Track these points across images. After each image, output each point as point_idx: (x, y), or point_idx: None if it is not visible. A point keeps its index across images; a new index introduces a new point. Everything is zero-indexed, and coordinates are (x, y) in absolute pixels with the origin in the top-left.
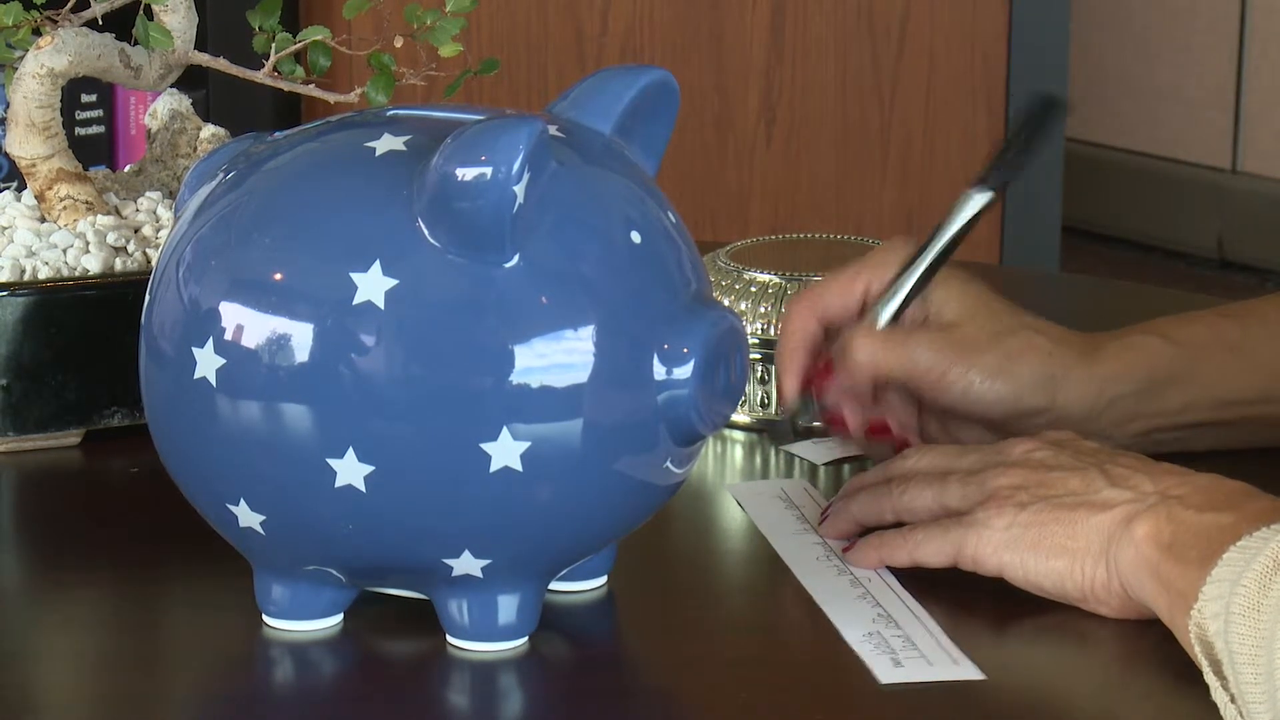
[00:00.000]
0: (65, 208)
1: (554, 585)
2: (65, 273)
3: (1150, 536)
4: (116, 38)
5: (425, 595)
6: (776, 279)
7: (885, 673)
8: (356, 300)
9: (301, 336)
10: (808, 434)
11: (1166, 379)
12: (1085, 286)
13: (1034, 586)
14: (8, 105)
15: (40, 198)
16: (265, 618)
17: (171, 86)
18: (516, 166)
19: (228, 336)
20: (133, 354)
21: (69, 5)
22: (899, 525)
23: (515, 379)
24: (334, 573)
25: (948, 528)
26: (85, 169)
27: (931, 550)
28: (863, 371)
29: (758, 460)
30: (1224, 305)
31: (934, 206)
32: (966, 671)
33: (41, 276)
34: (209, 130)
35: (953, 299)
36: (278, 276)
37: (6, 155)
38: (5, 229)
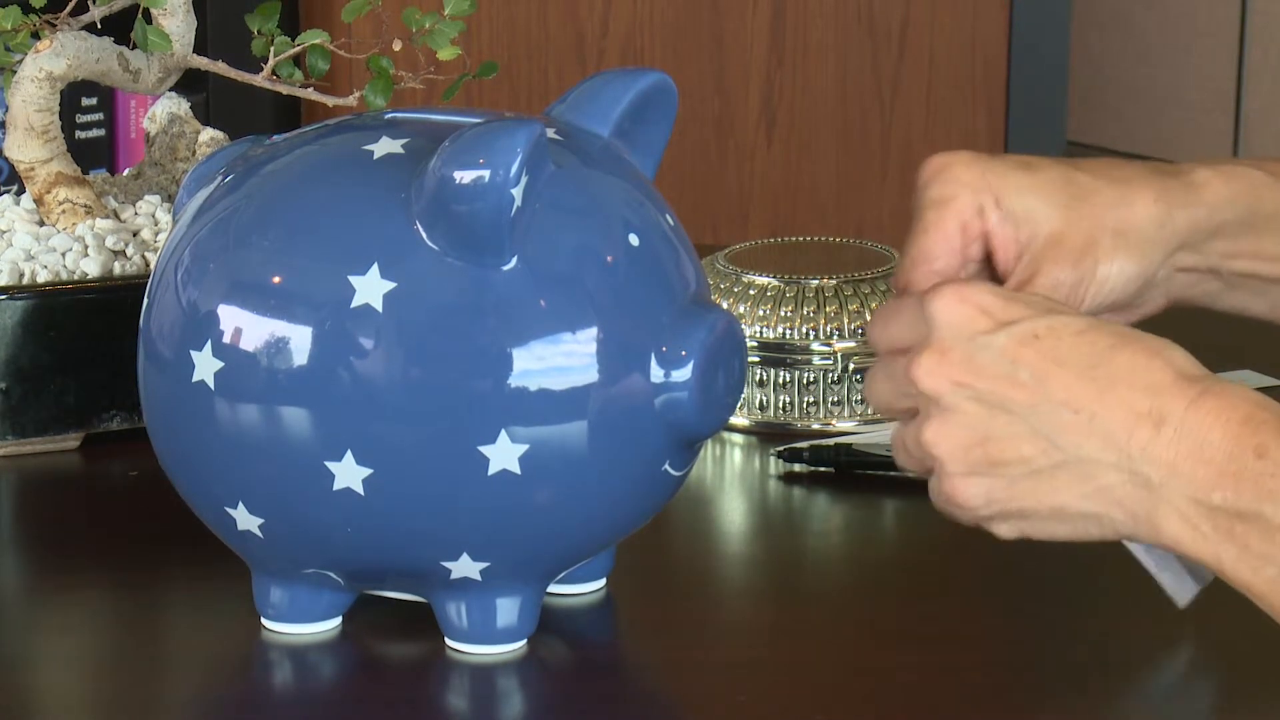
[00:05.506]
0: (64, 211)
1: (553, 588)
2: (64, 276)
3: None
4: (115, 41)
5: (424, 598)
6: (775, 282)
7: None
8: (355, 303)
9: (300, 339)
10: None
11: (1273, 212)
12: None
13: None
14: (6, 109)
15: (39, 201)
16: (264, 621)
17: (171, 90)
18: (514, 169)
19: (226, 340)
20: (131, 357)
21: (68, 9)
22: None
23: (513, 382)
24: (333, 575)
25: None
26: (86, 172)
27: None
28: None
29: (756, 463)
30: None
31: None
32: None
33: (40, 280)
34: (207, 134)
35: (1033, 208)
36: (276, 280)
37: (5, 159)
38: (4, 232)
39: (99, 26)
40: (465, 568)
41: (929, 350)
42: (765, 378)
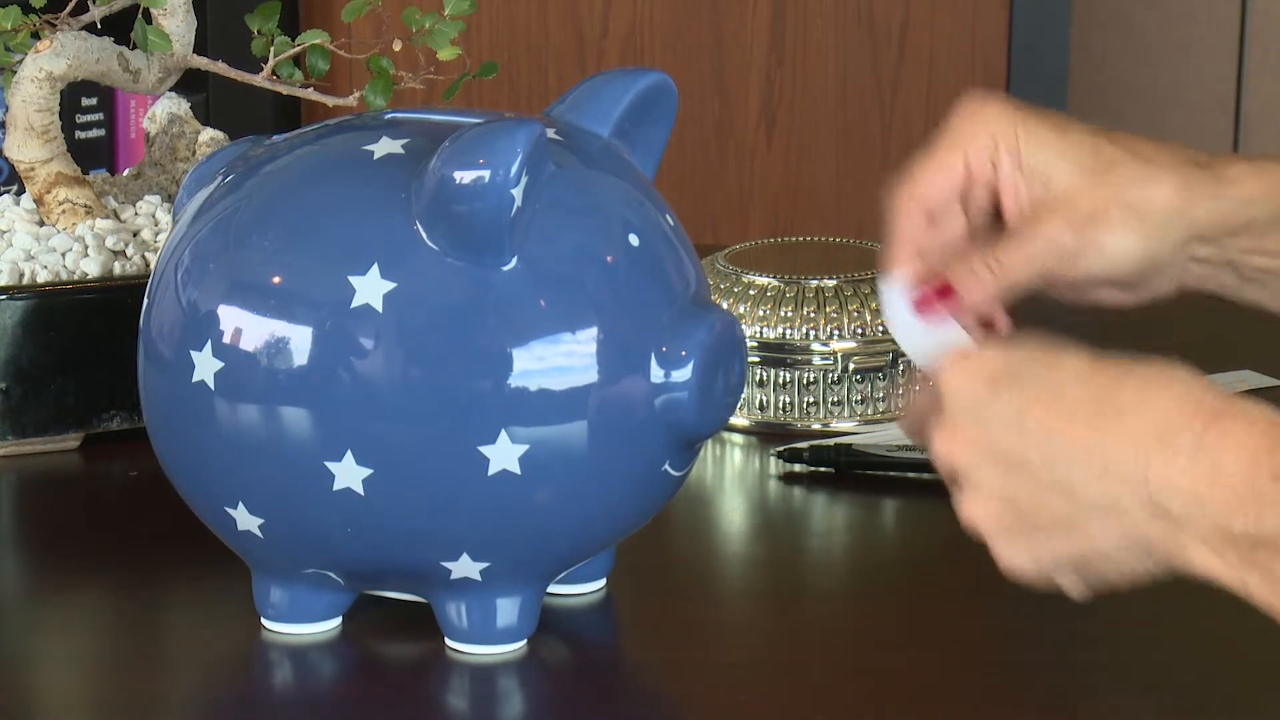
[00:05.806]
0: (64, 211)
1: (553, 588)
2: (64, 276)
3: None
4: (115, 41)
5: (424, 598)
6: (775, 282)
7: None
8: (355, 303)
9: (300, 340)
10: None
11: None
12: None
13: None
14: (6, 109)
15: (39, 201)
16: (264, 621)
17: (171, 90)
18: (514, 169)
19: (226, 340)
20: (132, 358)
21: (68, 9)
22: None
23: (513, 382)
24: (333, 576)
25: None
26: (86, 172)
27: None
28: (987, 297)
29: (756, 463)
30: None
31: None
32: None
33: (40, 280)
34: (207, 134)
35: (1051, 165)
36: (276, 280)
37: (5, 159)
38: (4, 232)
39: (99, 26)
40: (465, 568)
41: (941, 428)
42: (765, 378)
